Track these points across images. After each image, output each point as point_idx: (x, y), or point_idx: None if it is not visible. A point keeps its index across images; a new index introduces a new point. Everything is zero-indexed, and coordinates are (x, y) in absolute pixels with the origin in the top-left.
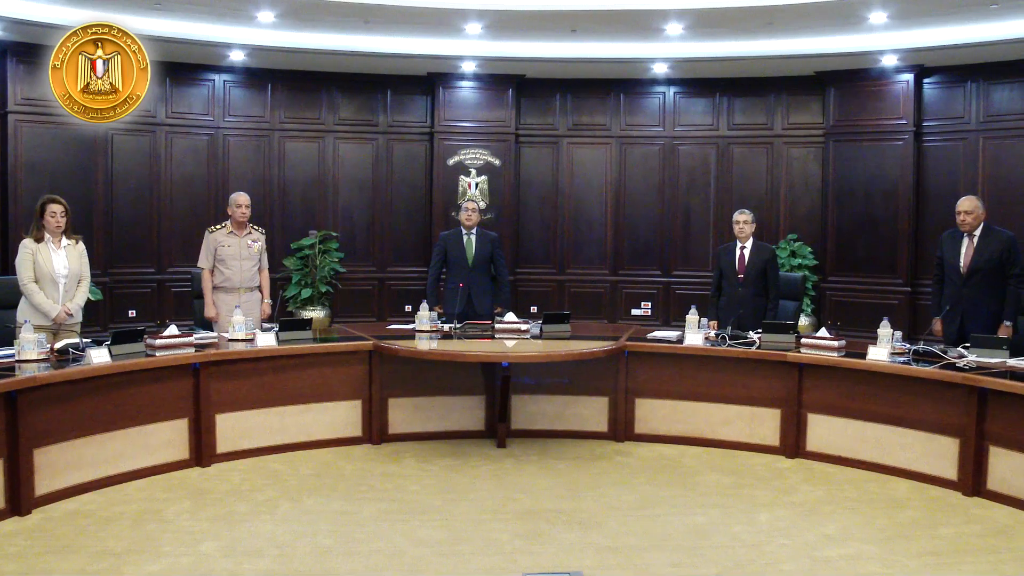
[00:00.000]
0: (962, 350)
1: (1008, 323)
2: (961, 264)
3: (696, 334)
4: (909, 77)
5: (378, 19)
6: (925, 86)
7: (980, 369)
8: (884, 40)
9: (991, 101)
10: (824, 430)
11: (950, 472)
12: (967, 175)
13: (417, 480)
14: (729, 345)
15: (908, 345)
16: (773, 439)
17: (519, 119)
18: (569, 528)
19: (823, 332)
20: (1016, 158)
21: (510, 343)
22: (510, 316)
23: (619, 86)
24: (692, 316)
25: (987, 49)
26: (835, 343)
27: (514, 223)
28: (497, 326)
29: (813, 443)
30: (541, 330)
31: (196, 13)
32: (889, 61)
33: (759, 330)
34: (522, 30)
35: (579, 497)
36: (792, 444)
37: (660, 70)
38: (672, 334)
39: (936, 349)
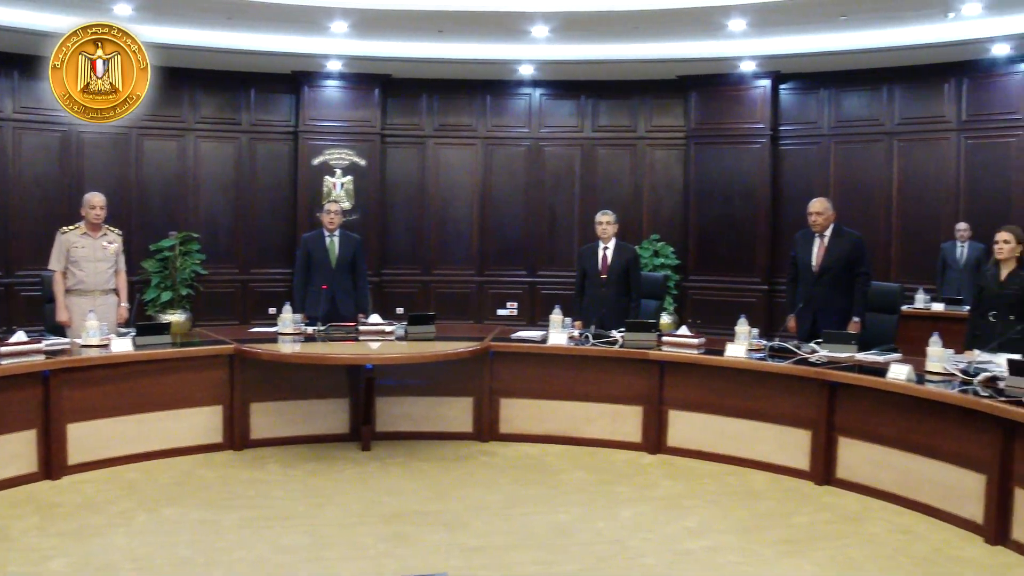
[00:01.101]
0: (814, 345)
1: (857, 319)
2: (813, 263)
3: (560, 334)
4: (766, 83)
5: (242, 16)
6: (781, 92)
7: (831, 364)
8: (743, 47)
9: (842, 108)
10: (685, 426)
11: (803, 463)
12: (819, 178)
13: (280, 486)
14: (592, 344)
15: (765, 342)
16: (635, 436)
17: (385, 119)
18: (435, 530)
19: (684, 330)
20: (864, 162)
21: (374, 345)
22: (375, 318)
23: (485, 87)
24: (556, 316)
25: (838, 58)
26: (695, 341)
27: (380, 224)
28: (361, 328)
29: (674, 439)
30: (406, 332)
31: (47, 3)
32: (747, 67)
33: (622, 329)
34: (388, 30)
35: (444, 498)
36: (654, 440)
37: (526, 72)
38: (536, 334)
39: (790, 345)
